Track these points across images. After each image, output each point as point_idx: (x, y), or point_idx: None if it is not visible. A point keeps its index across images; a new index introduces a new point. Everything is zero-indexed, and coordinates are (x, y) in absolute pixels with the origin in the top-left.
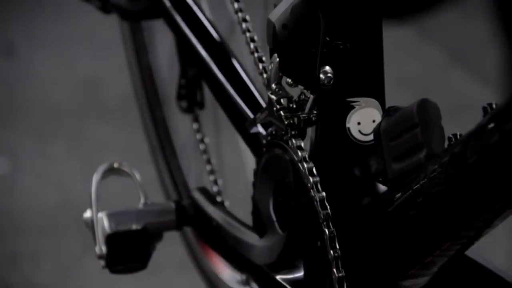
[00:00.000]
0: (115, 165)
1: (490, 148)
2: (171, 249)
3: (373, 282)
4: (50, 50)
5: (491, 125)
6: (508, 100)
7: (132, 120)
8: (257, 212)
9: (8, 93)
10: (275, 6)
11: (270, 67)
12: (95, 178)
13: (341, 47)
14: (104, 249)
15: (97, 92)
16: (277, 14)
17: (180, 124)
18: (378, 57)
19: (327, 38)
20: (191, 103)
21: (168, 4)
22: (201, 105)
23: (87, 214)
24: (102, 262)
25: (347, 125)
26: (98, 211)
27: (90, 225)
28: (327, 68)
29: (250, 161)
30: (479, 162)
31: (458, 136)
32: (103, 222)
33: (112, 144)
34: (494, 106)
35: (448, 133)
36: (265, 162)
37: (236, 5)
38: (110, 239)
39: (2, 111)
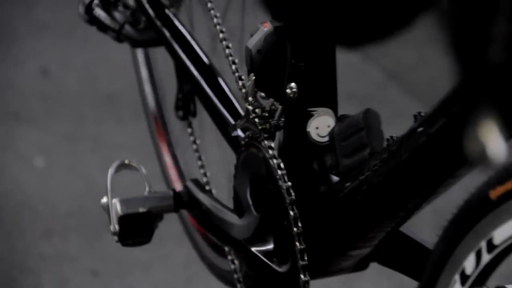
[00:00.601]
0: (126, 161)
1: (419, 147)
2: (171, 226)
3: (328, 253)
4: (78, 72)
5: (420, 129)
6: (432, 110)
7: (142, 126)
8: (237, 198)
9: (43, 105)
10: (251, 35)
11: (247, 84)
12: (110, 171)
13: (303, 68)
14: (117, 227)
15: (115, 102)
16: (253, 42)
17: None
18: (332, 76)
19: (292, 61)
20: (186, 112)
21: (168, 34)
22: (194, 114)
23: (104, 200)
24: (116, 238)
25: (308, 130)
26: (112, 197)
27: (106, 208)
28: (292, 84)
29: (231, 157)
30: (410, 158)
31: (394, 138)
32: (116, 206)
33: (126, 143)
34: (422, 114)
35: (386, 135)
36: (244, 159)
37: (221, 35)
38: (122, 219)
39: (39, 119)
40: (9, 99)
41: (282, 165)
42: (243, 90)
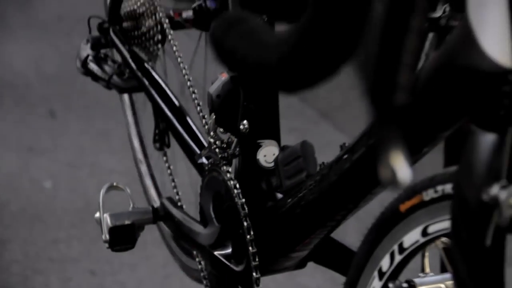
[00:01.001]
0: (114, 184)
1: (344, 171)
2: (151, 234)
3: (274, 255)
4: (78, 114)
5: (345, 156)
6: (354, 141)
7: (129, 154)
8: (202, 212)
9: (50, 141)
10: (212, 83)
11: (209, 122)
12: (102, 191)
13: (253, 108)
14: (107, 236)
15: (108, 137)
16: (213, 88)
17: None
18: (276, 114)
19: (245, 103)
20: (162, 144)
21: (146, 83)
22: (168, 145)
23: (97, 215)
24: (107, 245)
25: (257, 157)
26: (103, 213)
27: (99, 222)
28: (245, 121)
29: (198, 180)
30: (338, 180)
31: (325, 163)
32: (107, 220)
33: (117, 169)
34: (346, 144)
35: (319, 161)
36: (207, 181)
37: (188, 83)
38: (111, 230)
39: (46, 150)
40: (23, 135)
41: (237, 185)
42: (206, 127)
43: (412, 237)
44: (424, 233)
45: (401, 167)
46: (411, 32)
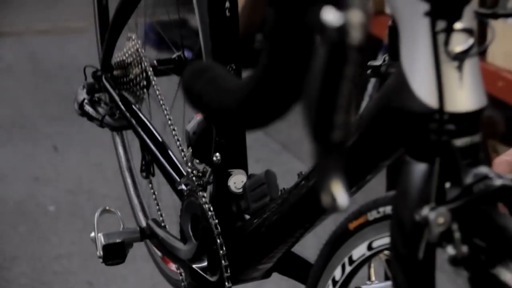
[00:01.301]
0: (107, 208)
1: (301, 195)
2: (140, 250)
3: (243, 267)
4: (77, 148)
5: (302, 183)
6: (309, 171)
7: (121, 182)
8: (182, 230)
9: (53, 171)
10: (189, 122)
11: (187, 154)
12: (96, 215)
13: (224, 143)
14: (101, 253)
15: (102, 168)
16: (190, 126)
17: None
18: (243, 147)
19: (217, 138)
20: (147, 173)
21: (134, 122)
22: (153, 175)
23: (92, 234)
24: (101, 260)
25: (228, 184)
26: (98, 233)
27: (94, 240)
28: (217, 154)
29: (178, 204)
30: (296, 203)
31: (285, 189)
32: (100, 239)
33: (110, 195)
34: (303, 173)
35: (280, 187)
36: (186, 204)
37: (169, 122)
38: (104, 248)
39: (50, 180)
40: (30, 167)
41: (211, 208)
42: (185, 158)
43: (359, 251)
44: (370, 247)
45: (339, 195)
46: (346, 80)
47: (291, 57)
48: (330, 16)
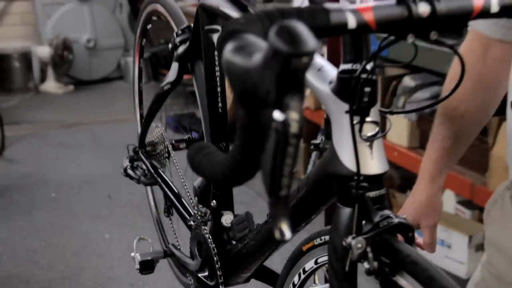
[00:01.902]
0: (142, 236)
1: (268, 229)
2: (163, 264)
3: (231, 276)
4: (124, 197)
5: (267, 221)
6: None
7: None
8: (191, 251)
9: (108, 212)
10: (196, 180)
11: (194, 201)
12: (135, 241)
13: (218, 193)
14: (138, 266)
15: (140, 209)
16: (196, 183)
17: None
18: (230, 196)
19: (213, 191)
20: (168, 213)
21: (159, 180)
22: (172, 214)
23: (132, 254)
24: (138, 271)
25: (221, 221)
26: (136, 253)
27: (133, 258)
28: (214, 201)
29: (188, 233)
30: (265, 234)
31: (259, 224)
32: (137, 257)
33: (144, 232)
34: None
35: (256, 222)
36: (193, 234)
37: (182, 180)
38: (140, 263)
39: (106, 217)
40: (92, 209)
41: (210, 237)
42: (193, 204)
43: (309, 265)
44: (316, 262)
45: (285, 231)
46: (288, 157)
47: (253, 141)
48: (277, 115)
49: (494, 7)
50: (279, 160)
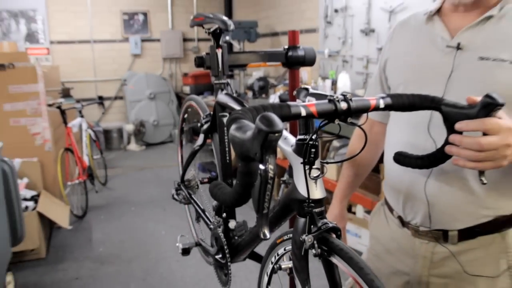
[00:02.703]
0: (183, 234)
1: (253, 232)
2: (195, 251)
3: (235, 256)
4: (174, 210)
5: (255, 226)
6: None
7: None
8: (211, 243)
9: (164, 218)
10: (213, 202)
11: (213, 213)
12: (178, 237)
13: (227, 209)
14: (180, 251)
15: (182, 218)
16: (213, 203)
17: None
18: (234, 211)
19: (224, 208)
20: (198, 220)
21: (192, 201)
22: (199, 221)
23: (177, 244)
24: (180, 253)
25: (229, 225)
26: (179, 243)
27: (178, 246)
28: (224, 213)
29: (209, 232)
30: (253, 235)
31: (250, 227)
32: (180, 245)
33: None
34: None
35: (249, 226)
36: (212, 233)
37: (205, 202)
38: (182, 250)
39: (163, 221)
40: (153, 216)
41: (222, 235)
42: (212, 215)
43: (281, 251)
44: (285, 249)
45: (266, 232)
46: (268, 190)
47: (247, 181)
48: (261, 166)
49: (381, 105)
50: (262, 192)
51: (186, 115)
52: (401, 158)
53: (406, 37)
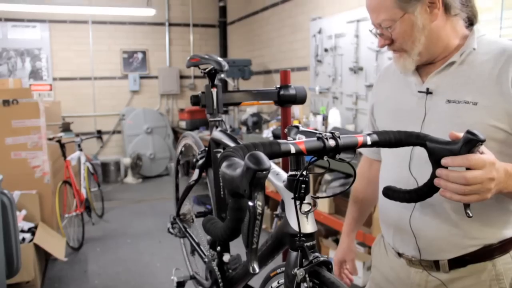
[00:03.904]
0: (177, 268)
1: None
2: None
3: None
4: (169, 243)
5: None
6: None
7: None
8: (206, 276)
9: (159, 251)
10: (207, 237)
11: (207, 247)
12: (173, 270)
13: (222, 243)
14: (175, 284)
15: (177, 250)
16: (207, 238)
17: None
18: (228, 244)
19: (218, 242)
20: (193, 254)
21: (187, 235)
22: (194, 254)
23: (172, 277)
24: (175, 286)
25: (223, 258)
26: (174, 276)
27: (172, 279)
28: (219, 247)
29: (204, 266)
30: (246, 269)
31: (243, 261)
32: (175, 279)
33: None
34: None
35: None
36: (207, 267)
37: (200, 235)
38: (177, 283)
39: (158, 254)
40: (149, 249)
41: (216, 268)
42: (207, 248)
43: (274, 285)
44: (278, 282)
45: (256, 267)
46: (257, 225)
47: (237, 217)
48: (250, 203)
49: (369, 142)
50: (251, 228)
51: (182, 150)
52: (390, 193)
53: (388, 83)
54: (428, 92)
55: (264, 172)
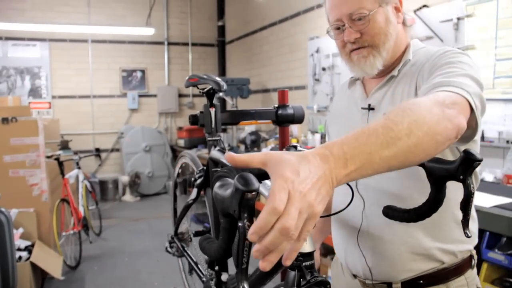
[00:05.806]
0: (175, 286)
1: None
2: None
3: None
4: (167, 261)
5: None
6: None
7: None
8: None
9: (158, 269)
10: (206, 256)
11: (205, 266)
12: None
13: (219, 262)
14: None
15: (175, 271)
16: (205, 257)
17: None
18: (226, 263)
19: (216, 261)
20: (190, 273)
21: (185, 254)
22: (192, 274)
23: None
24: None
25: (221, 278)
26: None
27: None
28: (217, 266)
29: (202, 285)
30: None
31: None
32: None
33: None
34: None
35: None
36: (205, 286)
37: (198, 254)
38: None
39: (156, 272)
40: (147, 267)
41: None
42: (205, 267)
43: None
44: None
45: (245, 286)
46: (246, 246)
47: (229, 236)
48: (239, 223)
49: None
50: (241, 248)
51: (179, 171)
52: (390, 212)
53: (340, 100)
54: (370, 108)
55: (253, 193)
